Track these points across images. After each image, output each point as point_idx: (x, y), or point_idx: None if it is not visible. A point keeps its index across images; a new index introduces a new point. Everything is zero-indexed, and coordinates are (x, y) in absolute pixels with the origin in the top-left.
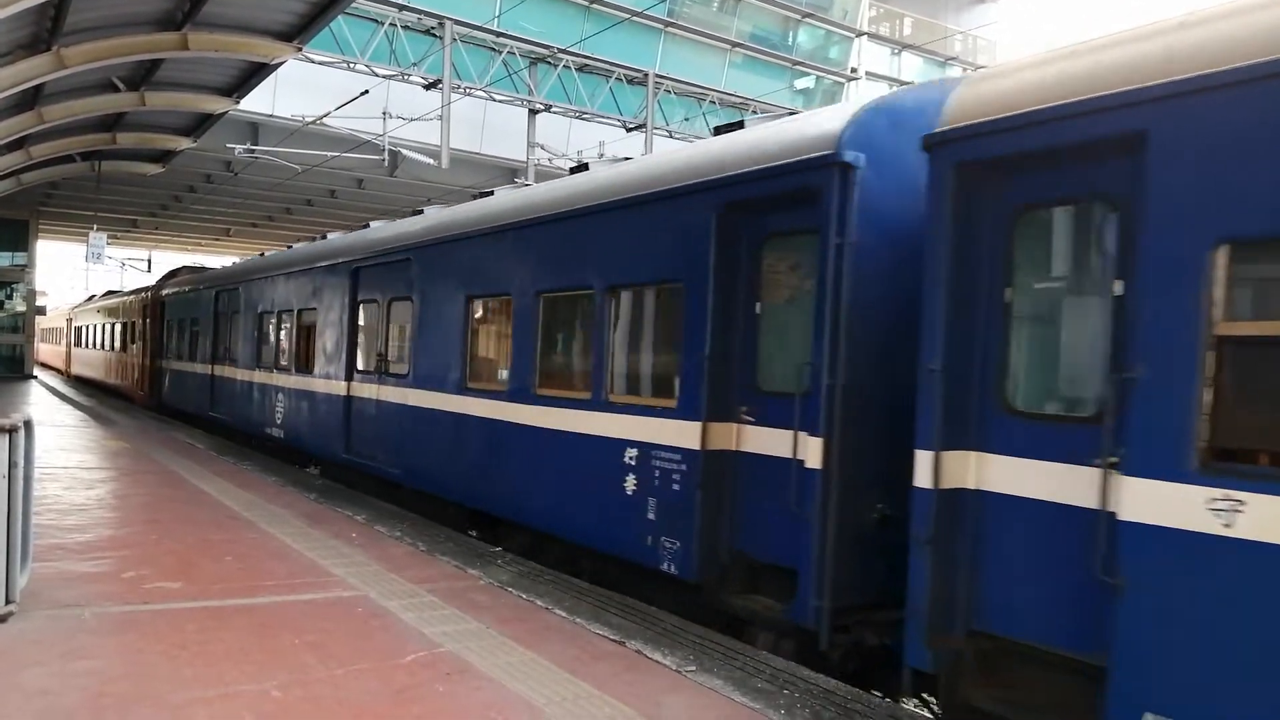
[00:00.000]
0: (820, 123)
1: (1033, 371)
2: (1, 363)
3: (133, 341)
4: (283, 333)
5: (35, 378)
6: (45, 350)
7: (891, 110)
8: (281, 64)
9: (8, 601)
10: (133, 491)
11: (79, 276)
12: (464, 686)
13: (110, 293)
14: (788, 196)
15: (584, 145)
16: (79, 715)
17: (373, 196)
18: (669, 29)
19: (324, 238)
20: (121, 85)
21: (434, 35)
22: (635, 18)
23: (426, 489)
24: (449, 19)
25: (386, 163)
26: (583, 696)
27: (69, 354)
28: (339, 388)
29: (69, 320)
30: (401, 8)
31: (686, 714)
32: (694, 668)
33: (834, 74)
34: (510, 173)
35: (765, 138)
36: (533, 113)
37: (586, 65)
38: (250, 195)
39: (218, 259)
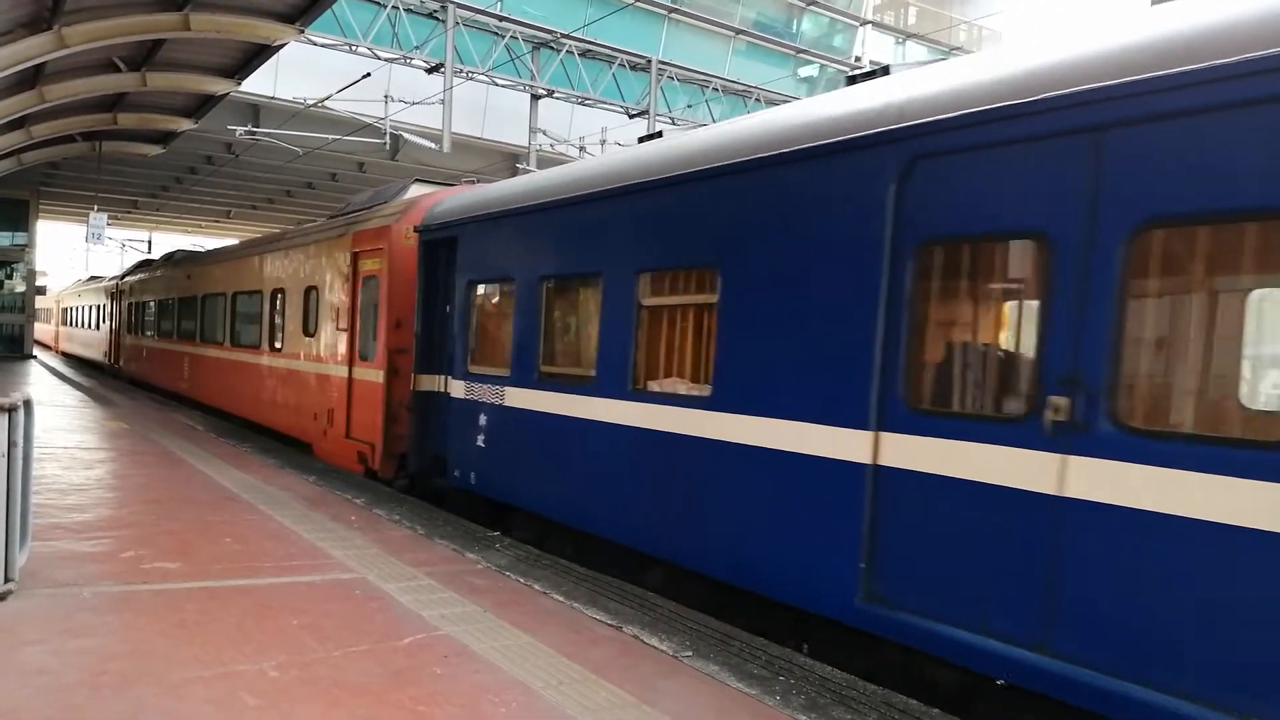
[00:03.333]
0: None
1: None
2: (1, 342)
3: (337, 327)
4: None
5: (35, 358)
6: (72, 336)
7: None
8: (283, 46)
9: (6, 580)
10: (132, 472)
11: (77, 257)
12: (461, 669)
13: (187, 256)
14: None
15: (586, 131)
16: (78, 693)
17: (374, 180)
18: (672, 15)
19: None
20: (123, 65)
21: (436, 19)
22: (639, 3)
23: None
24: (452, 2)
25: (388, 146)
26: (579, 680)
27: (115, 344)
28: None
29: (114, 294)
30: None
31: (682, 699)
32: (690, 653)
33: (838, 62)
34: (512, 158)
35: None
36: (535, 98)
37: (589, 51)
38: (251, 177)
39: (218, 241)
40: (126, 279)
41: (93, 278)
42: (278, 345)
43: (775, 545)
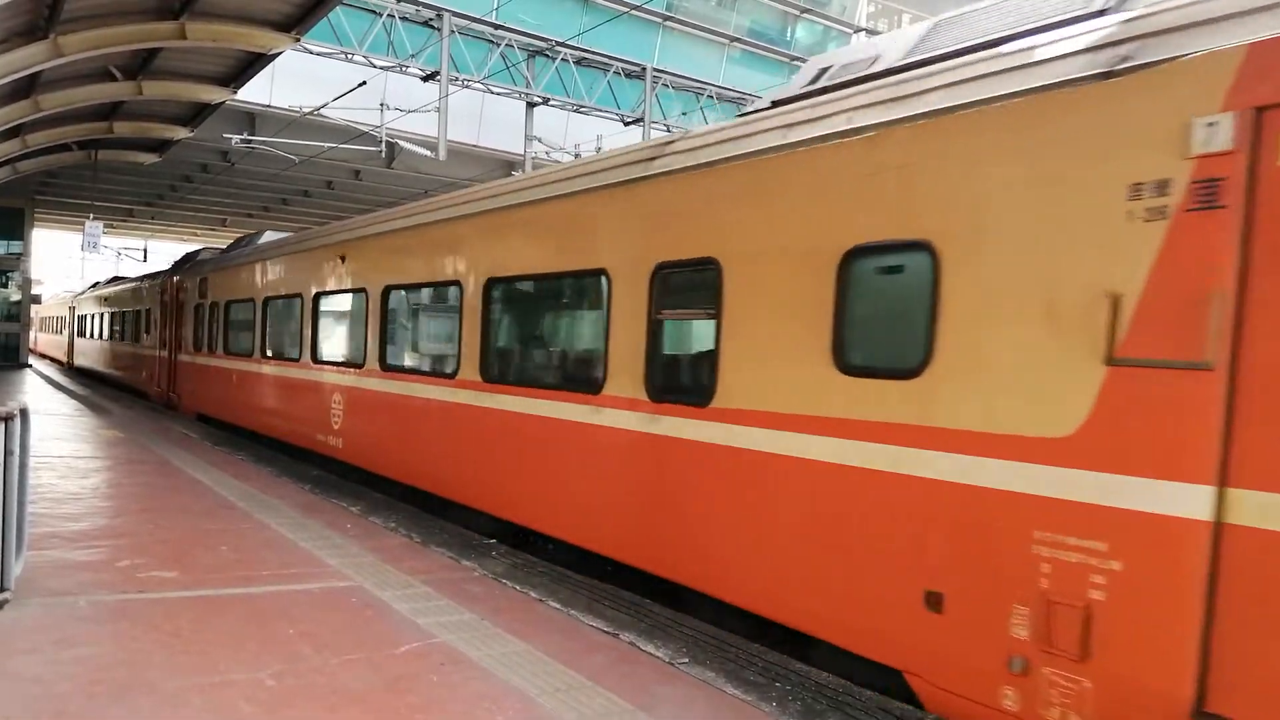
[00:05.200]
0: None
1: None
2: None
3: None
4: None
5: (30, 366)
6: (92, 352)
7: None
8: (279, 54)
9: (2, 589)
10: (128, 480)
11: (74, 265)
12: (458, 676)
13: (325, 231)
14: None
15: (581, 138)
16: (73, 702)
17: (369, 188)
18: (667, 23)
19: None
20: (118, 74)
21: (432, 27)
22: (634, 11)
23: None
24: (447, 11)
25: (384, 154)
26: (576, 687)
27: (166, 366)
28: None
29: (165, 295)
30: None
31: (678, 705)
32: (687, 660)
33: None
34: (507, 165)
35: None
36: (530, 105)
37: (584, 58)
38: (247, 186)
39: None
40: (189, 272)
41: (114, 279)
42: (692, 390)
43: None
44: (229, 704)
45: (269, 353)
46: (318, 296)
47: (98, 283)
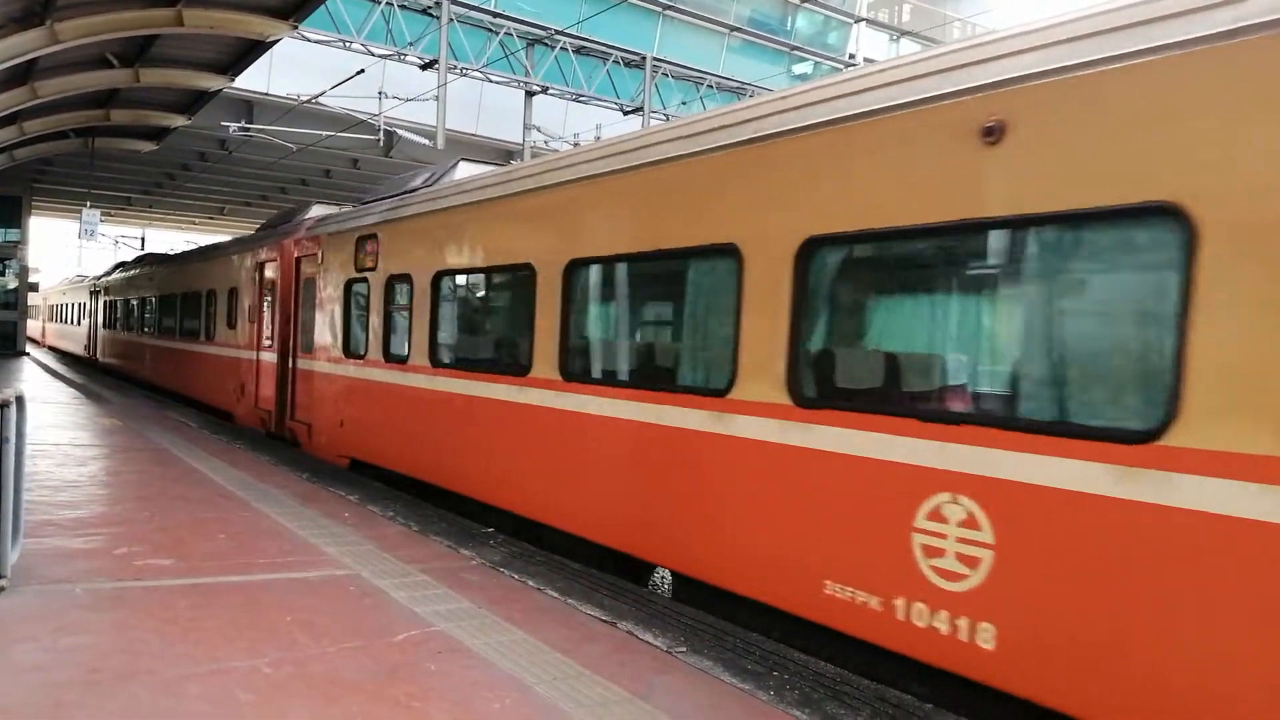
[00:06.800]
0: None
1: None
2: None
3: None
4: None
5: (28, 354)
6: (130, 349)
7: None
8: (277, 42)
9: None
10: (125, 469)
11: (70, 254)
12: (455, 665)
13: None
14: None
15: (580, 128)
16: (71, 690)
17: (367, 176)
18: (667, 12)
19: None
20: (115, 61)
21: (431, 15)
22: (633, 0)
23: None
24: None
25: (382, 143)
26: (573, 676)
27: (288, 383)
28: None
29: (261, 270)
30: None
31: (676, 694)
32: (684, 649)
33: (832, 60)
34: (506, 154)
35: None
36: (529, 94)
37: (584, 47)
38: (244, 174)
39: (211, 238)
40: (331, 231)
41: (146, 256)
42: None
43: None
44: (226, 692)
45: (598, 373)
46: (810, 248)
47: (125, 262)
